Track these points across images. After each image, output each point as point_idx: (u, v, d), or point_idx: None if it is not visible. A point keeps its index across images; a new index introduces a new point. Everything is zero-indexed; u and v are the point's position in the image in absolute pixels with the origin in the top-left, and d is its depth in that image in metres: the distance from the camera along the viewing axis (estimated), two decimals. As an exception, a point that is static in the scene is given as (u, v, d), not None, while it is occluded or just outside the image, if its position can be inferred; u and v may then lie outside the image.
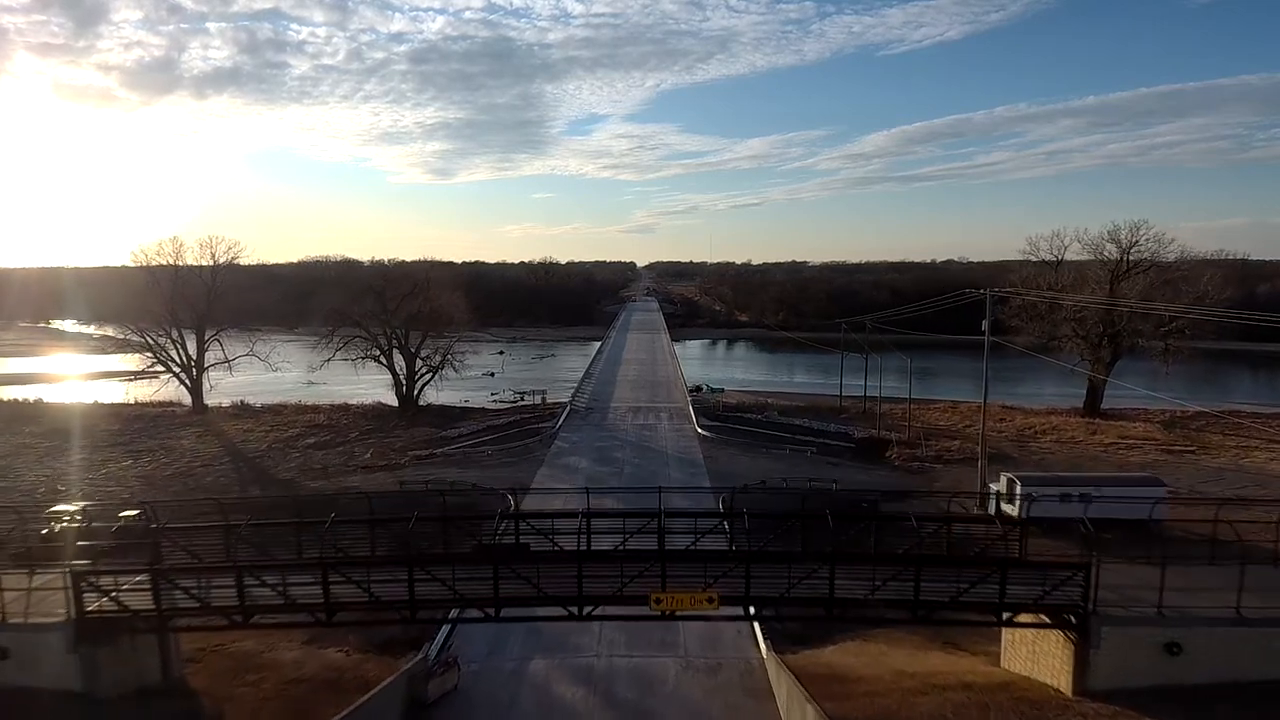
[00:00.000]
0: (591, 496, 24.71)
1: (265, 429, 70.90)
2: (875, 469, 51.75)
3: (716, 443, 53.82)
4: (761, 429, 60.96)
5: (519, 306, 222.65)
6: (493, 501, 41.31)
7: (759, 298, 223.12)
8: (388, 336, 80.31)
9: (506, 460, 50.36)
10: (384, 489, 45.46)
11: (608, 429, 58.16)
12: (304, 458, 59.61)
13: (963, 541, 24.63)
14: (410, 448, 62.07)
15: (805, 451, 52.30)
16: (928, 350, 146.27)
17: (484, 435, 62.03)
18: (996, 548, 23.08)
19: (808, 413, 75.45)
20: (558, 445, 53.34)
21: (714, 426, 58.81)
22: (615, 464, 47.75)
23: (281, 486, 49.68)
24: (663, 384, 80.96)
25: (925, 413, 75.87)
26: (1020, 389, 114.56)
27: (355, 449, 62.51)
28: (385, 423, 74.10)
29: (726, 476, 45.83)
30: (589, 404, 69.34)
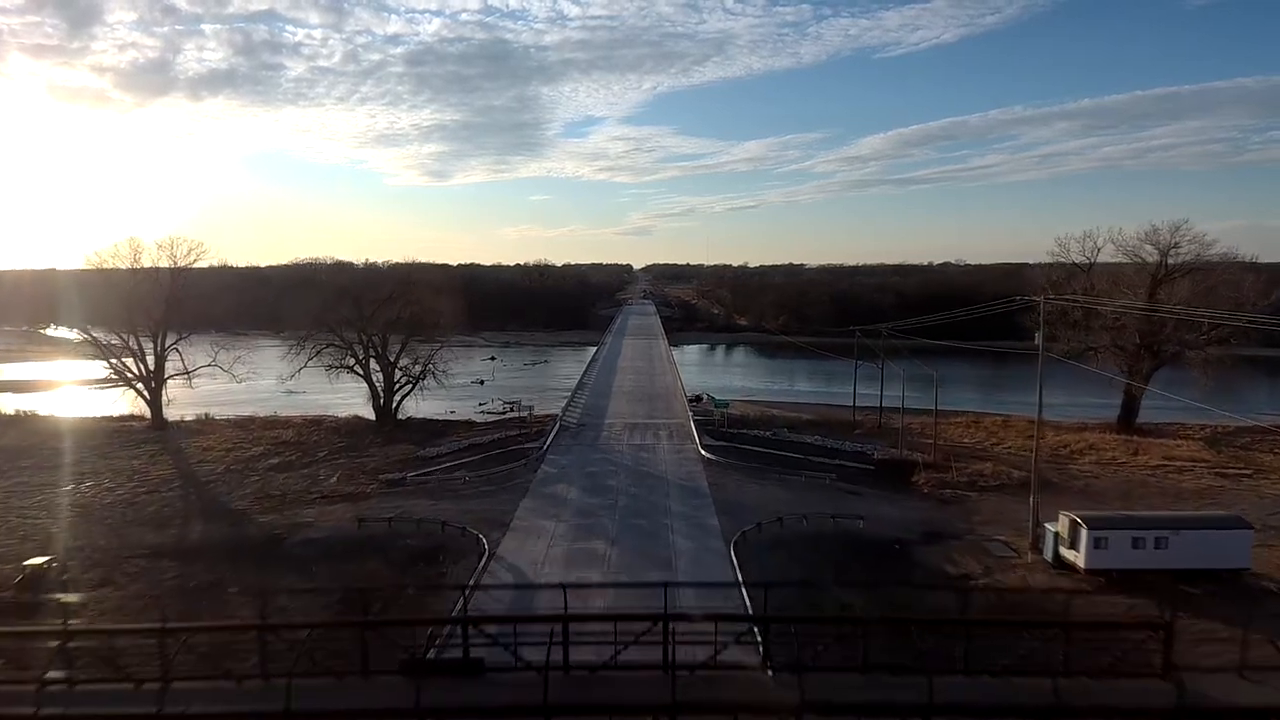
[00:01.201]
0: (579, 544, 18.90)
1: (226, 447, 64.77)
2: (902, 498, 45.82)
3: (722, 466, 47.82)
4: (771, 449, 55.03)
5: (512, 310, 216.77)
6: (462, 544, 35.30)
7: (758, 301, 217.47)
8: (364, 344, 74.29)
9: (485, 489, 44.30)
10: (341, 524, 39.46)
11: (601, 450, 52.19)
12: (263, 482, 53.54)
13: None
14: (383, 469, 56.07)
15: (823, 478, 46.33)
16: (928, 356, 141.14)
17: (465, 455, 56.03)
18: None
19: (819, 428, 69.56)
20: (545, 470, 47.30)
21: (719, 447, 52.81)
22: (609, 493, 41.74)
23: (228, 520, 43.61)
24: (661, 396, 74.84)
25: (945, 428, 70.06)
26: (1028, 397, 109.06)
27: (322, 471, 56.48)
28: (360, 439, 68.00)
29: (735, 509, 39.87)
30: (581, 419, 63.23)
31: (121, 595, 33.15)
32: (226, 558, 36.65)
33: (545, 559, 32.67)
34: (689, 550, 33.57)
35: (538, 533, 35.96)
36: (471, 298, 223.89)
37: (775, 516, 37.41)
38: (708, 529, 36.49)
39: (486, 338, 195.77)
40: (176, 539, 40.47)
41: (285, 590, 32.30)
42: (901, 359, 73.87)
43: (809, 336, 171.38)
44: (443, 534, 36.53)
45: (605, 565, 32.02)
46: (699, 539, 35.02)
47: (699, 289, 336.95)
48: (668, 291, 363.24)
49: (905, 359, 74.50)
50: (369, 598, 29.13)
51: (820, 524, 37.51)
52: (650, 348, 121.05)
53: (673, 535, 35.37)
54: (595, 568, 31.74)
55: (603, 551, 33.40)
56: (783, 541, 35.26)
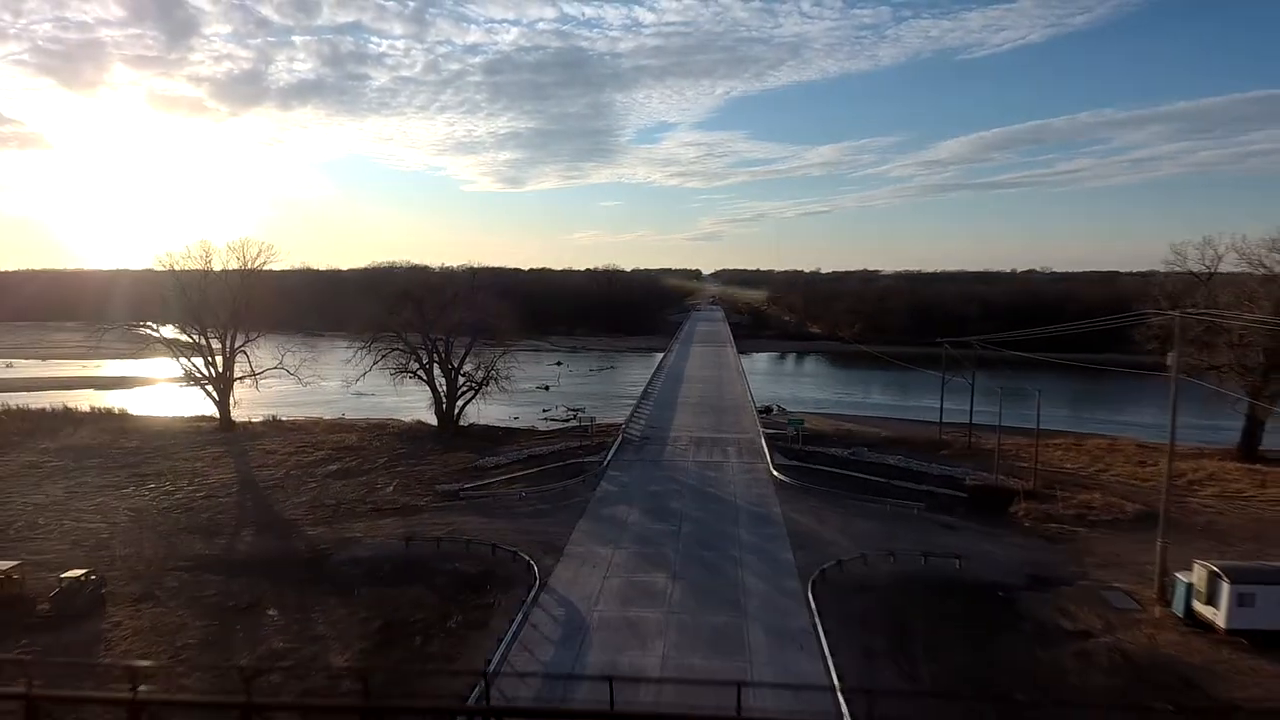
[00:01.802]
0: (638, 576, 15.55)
1: (289, 450, 64.32)
2: (1001, 533, 40.92)
3: (797, 490, 43.82)
4: (850, 471, 50.68)
5: (580, 314, 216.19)
6: (512, 571, 32.56)
7: (832, 308, 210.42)
8: (428, 349, 73.08)
9: (541, 507, 41.60)
10: (388, 542, 37.31)
11: (665, 467, 48.93)
12: (319, 489, 52.36)
13: None
14: (440, 478, 54.25)
15: (910, 507, 41.81)
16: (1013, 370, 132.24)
17: (523, 467, 53.61)
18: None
19: (901, 447, 64.50)
20: (605, 487, 44.33)
21: (793, 468, 48.81)
22: (671, 518, 38.39)
23: (278, 530, 42.15)
24: (730, 409, 70.98)
25: (1043, 450, 64.03)
26: (1131, 417, 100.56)
27: (379, 479, 55.04)
28: (420, 446, 66.65)
29: (812, 541, 35.95)
30: (645, 432, 60.07)
31: (157, 613, 31.71)
32: (269, 574, 34.96)
33: (600, 593, 29.59)
34: (760, 591, 29.92)
35: (593, 561, 32.92)
36: (540, 302, 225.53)
37: (858, 553, 33.39)
38: (781, 564, 32.72)
39: (554, 342, 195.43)
40: (224, 550, 39.17)
41: (324, 618, 30.40)
42: (985, 371, 68.09)
43: (886, 346, 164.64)
44: (493, 557, 33.92)
45: (666, 603, 28.73)
46: (772, 577, 31.30)
47: (769, 295, 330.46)
48: (736, 297, 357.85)
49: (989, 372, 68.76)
50: (409, 630, 26.65)
51: (910, 563, 33.31)
52: (718, 356, 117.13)
53: (742, 571, 31.77)
54: (655, 606, 28.51)
55: (663, 587, 30.10)
56: (868, 584, 31.23)
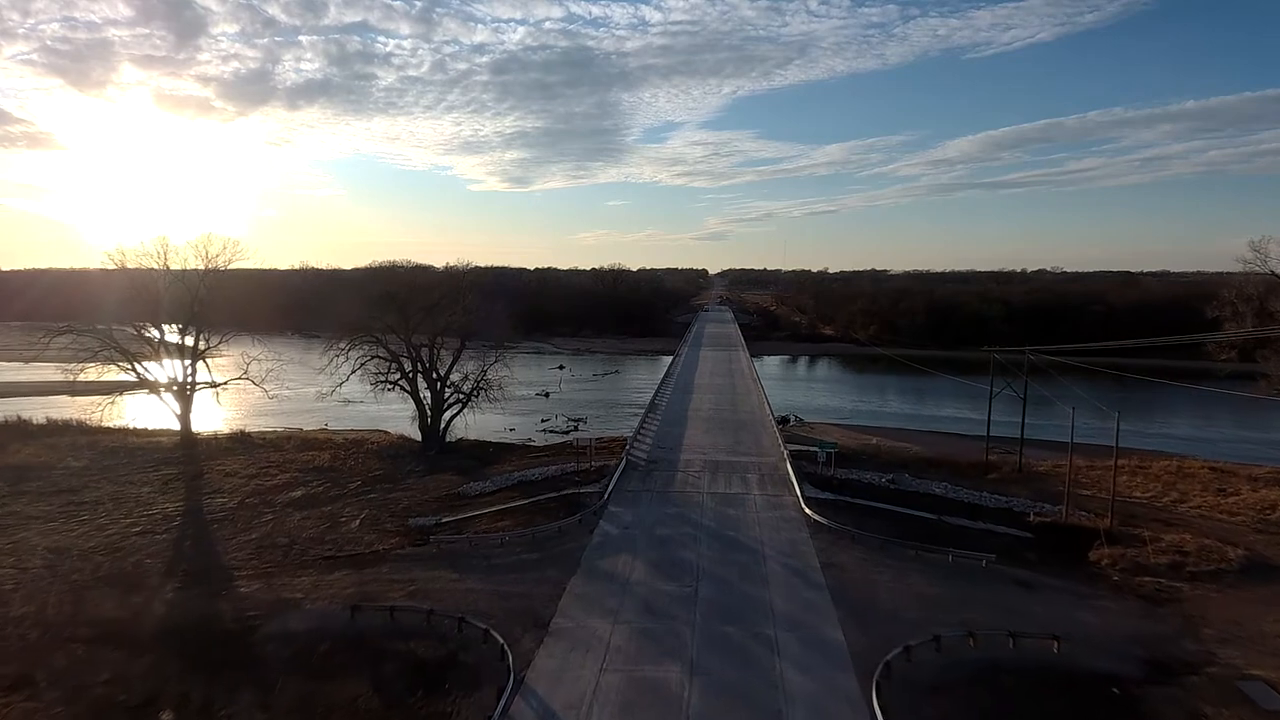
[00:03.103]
0: (643, 669, 9.27)
1: (251, 472, 57.17)
2: (1088, 591, 33.38)
3: (836, 534, 36.27)
4: (894, 504, 43.15)
5: (585, 315, 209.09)
6: (481, 656, 25.20)
7: (845, 309, 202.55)
8: (412, 357, 65.86)
9: (526, 557, 34.19)
10: (332, 609, 29.93)
11: (676, 500, 41.46)
12: (275, 523, 45.15)
13: None
14: (415, 508, 47.02)
15: (976, 557, 34.20)
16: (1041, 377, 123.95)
17: (511, 497, 46.30)
18: None
19: (941, 469, 57.01)
20: (604, 529, 36.93)
21: (827, 503, 41.28)
22: (685, 574, 31.03)
23: (210, 585, 34.86)
24: (747, 424, 63.35)
25: (1104, 474, 56.47)
26: (1166, 429, 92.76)
27: (346, 509, 47.84)
28: (400, 466, 59.43)
29: (866, 612, 28.45)
30: (651, 453, 52.61)
31: (26, 710, 24.52)
32: (181, 652, 27.71)
33: (593, 698, 22.12)
34: (808, 694, 22.39)
35: (586, 643, 25.49)
36: (544, 302, 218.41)
37: (928, 632, 25.92)
38: (830, 649, 25.20)
39: (557, 344, 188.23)
40: (136, 613, 31.91)
41: (225, 728, 23.12)
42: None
43: (903, 349, 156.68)
44: (458, 635, 26.57)
45: (681, 715, 21.35)
46: (821, 670, 23.78)
47: (778, 295, 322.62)
48: (745, 297, 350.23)
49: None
50: None
51: (995, 646, 25.84)
52: (730, 361, 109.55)
53: (780, 660, 24.26)
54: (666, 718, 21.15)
55: (677, 688, 22.63)
56: (946, 680, 23.78)
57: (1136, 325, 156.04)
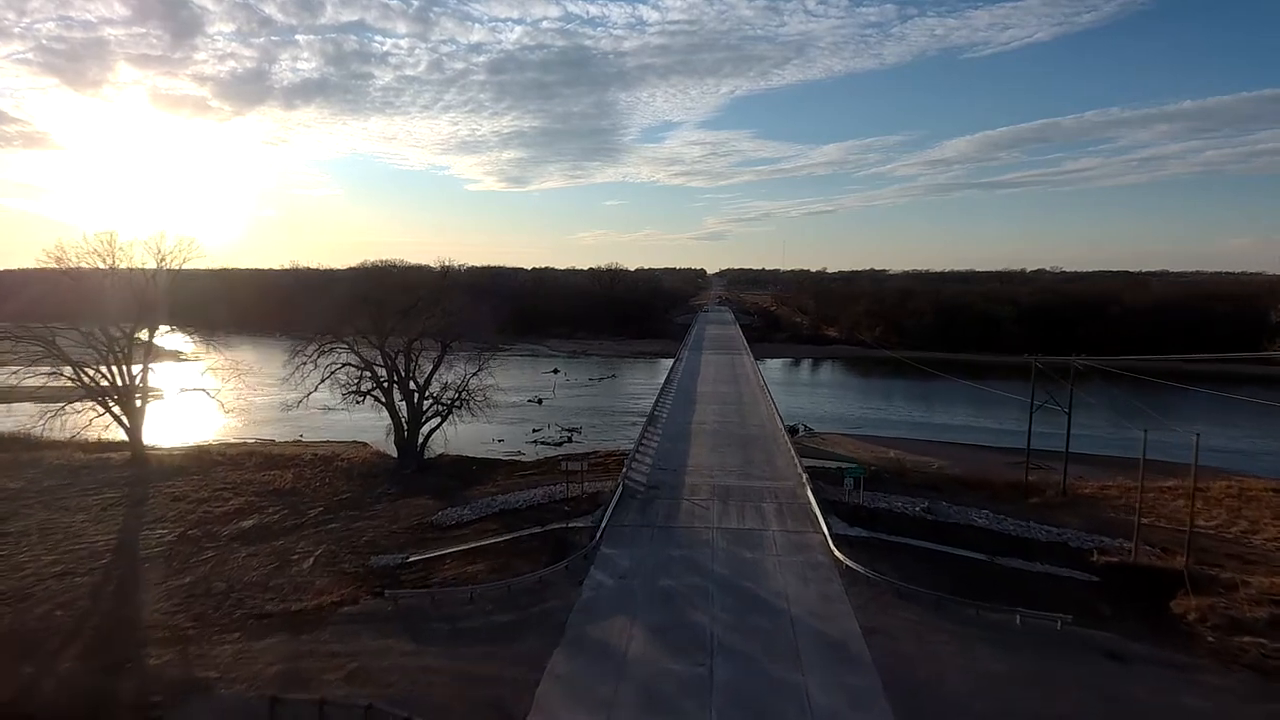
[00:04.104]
0: None
1: (202, 496, 50.95)
2: (1188, 663, 27.22)
3: (875, 587, 29.91)
4: (935, 542, 36.98)
5: (582, 316, 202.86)
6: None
7: (848, 310, 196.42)
8: (387, 365, 59.66)
9: (500, 618, 27.95)
10: (250, 696, 23.68)
11: (680, 539, 35.18)
12: (214, 564, 38.93)
13: None
14: (380, 542, 40.87)
15: (1051, 620, 28.05)
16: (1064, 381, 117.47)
17: (489, 531, 40.09)
18: None
19: (977, 493, 50.98)
20: (596, 579, 30.73)
21: (859, 543, 35.05)
22: (695, 646, 24.65)
23: (114, 653, 28.61)
24: (758, 440, 57.16)
25: (1155, 497, 50.46)
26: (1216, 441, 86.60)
27: (301, 544, 41.62)
28: (371, 488, 53.25)
29: (927, 703, 22.30)
30: (651, 476, 46.33)
31: None
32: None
33: None
34: None
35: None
36: (540, 302, 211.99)
37: (1018, 742, 19.76)
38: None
39: (552, 346, 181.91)
40: (15, 695, 25.68)
41: None
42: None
43: (909, 350, 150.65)
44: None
45: None
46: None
47: (777, 295, 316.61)
48: (744, 297, 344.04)
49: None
50: None
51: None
52: (734, 366, 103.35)
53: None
54: None
55: None
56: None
57: (1155, 327, 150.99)
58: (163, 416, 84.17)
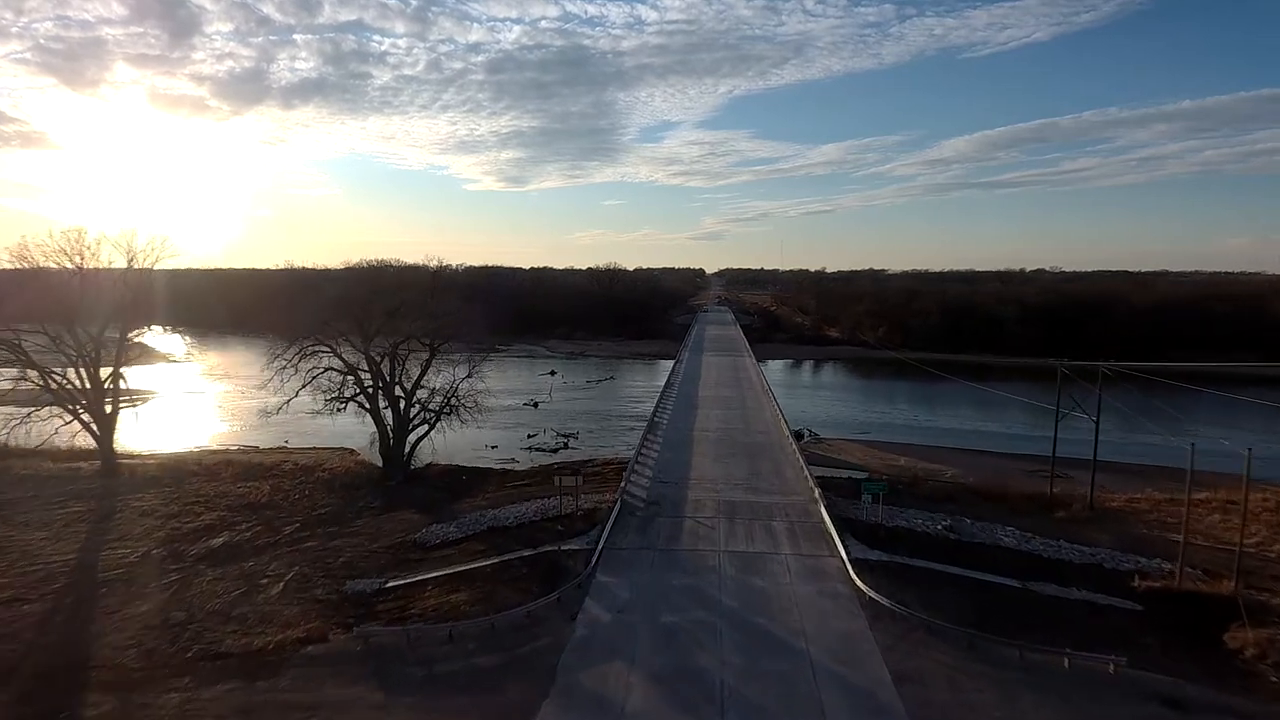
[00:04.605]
0: None
1: (172, 510, 47.80)
2: (1256, 711, 24.16)
3: (906, 624, 26.80)
4: (962, 566, 33.87)
5: (580, 316, 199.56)
6: None
7: (851, 310, 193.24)
8: (371, 370, 56.53)
9: (481, 660, 24.85)
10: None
11: (684, 564, 32.05)
12: (178, 588, 35.85)
13: None
14: (357, 564, 37.77)
15: (1104, 662, 24.94)
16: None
17: (475, 552, 36.98)
18: None
19: (997, 505, 47.93)
20: (591, 612, 27.67)
21: (880, 566, 32.03)
22: (703, 698, 21.14)
23: (55, 693, 25.49)
24: (764, 448, 54.07)
25: (1191, 510, 47.37)
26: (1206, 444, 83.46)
27: (272, 565, 38.49)
28: (352, 502, 50.11)
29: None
30: (652, 491, 43.28)
31: None
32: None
33: None
34: None
35: None
36: (538, 302, 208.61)
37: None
38: None
39: (550, 347, 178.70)
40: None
41: None
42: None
43: (914, 351, 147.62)
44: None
45: None
46: None
47: (777, 295, 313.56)
48: (743, 297, 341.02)
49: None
50: None
51: None
52: (736, 369, 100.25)
53: None
54: None
55: None
56: None
57: (1159, 327, 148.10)
58: (145, 421, 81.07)
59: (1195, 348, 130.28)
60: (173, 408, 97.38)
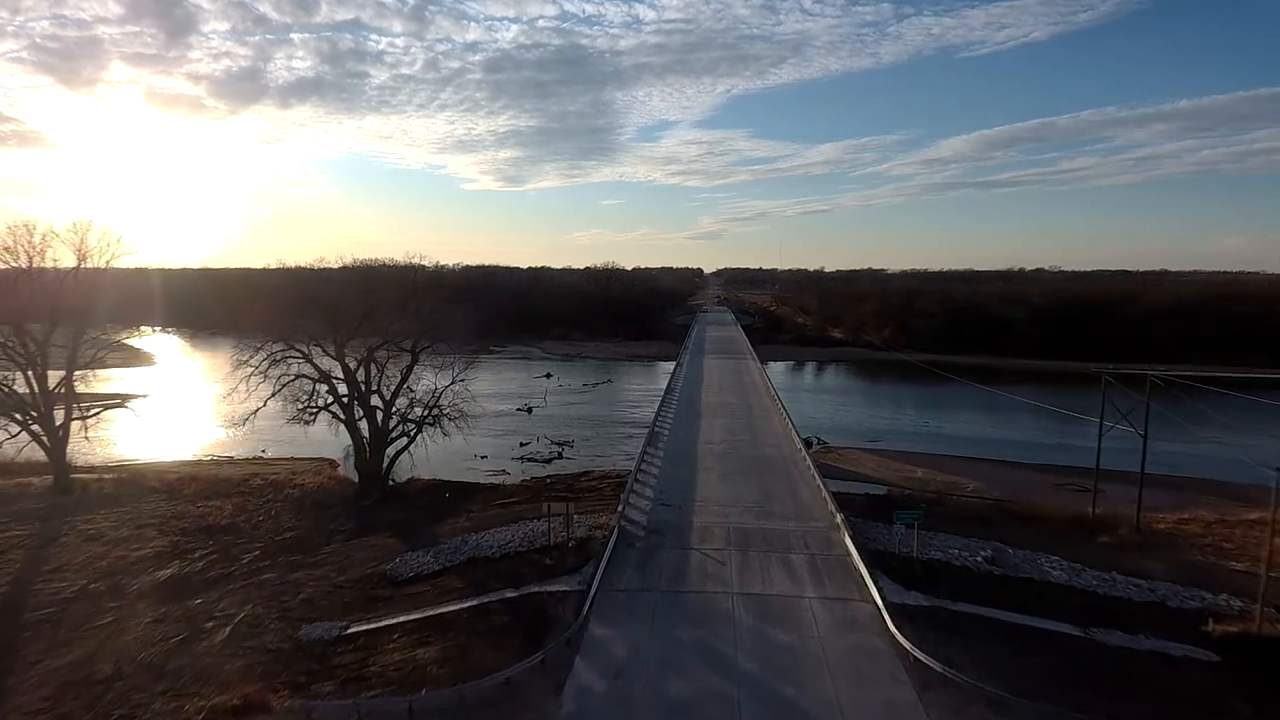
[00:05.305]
0: None
1: (122, 534, 43.22)
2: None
3: (959, 691, 21.92)
4: (1014, 610, 29.37)
5: (578, 316, 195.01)
6: None
7: (854, 310, 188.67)
8: (347, 377, 51.95)
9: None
10: None
11: (691, 611, 27.16)
12: (112, 630, 31.36)
13: None
14: (318, 602, 33.21)
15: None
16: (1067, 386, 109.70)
17: (451, 588, 32.44)
18: None
19: (1033, 528, 43.47)
20: (582, 677, 22.79)
21: (922, 613, 27.55)
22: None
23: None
24: (775, 464, 49.45)
25: (1241, 531, 43.01)
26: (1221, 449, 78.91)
27: (224, 601, 33.98)
28: (322, 523, 45.56)
29: None
30: (653, 514, 38.67)
31: None
32: None
33: None
34: None
35: None
36: (536, 302, 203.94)
37: None
38: None
39: (546, 348, 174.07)
40: None
41: None
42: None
43: (919, 352, 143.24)
44: None
45: None
46: None
47: (778, 295, 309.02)
48: (743, 297, 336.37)
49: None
50: None
51: None
52: (739, 373, 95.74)
53: None
54: None
55: None
56: None
57: (1177, 329, 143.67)
58: (119, 428, 76.52)
59: (1208, 349, 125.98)
60: (152, 413, 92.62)
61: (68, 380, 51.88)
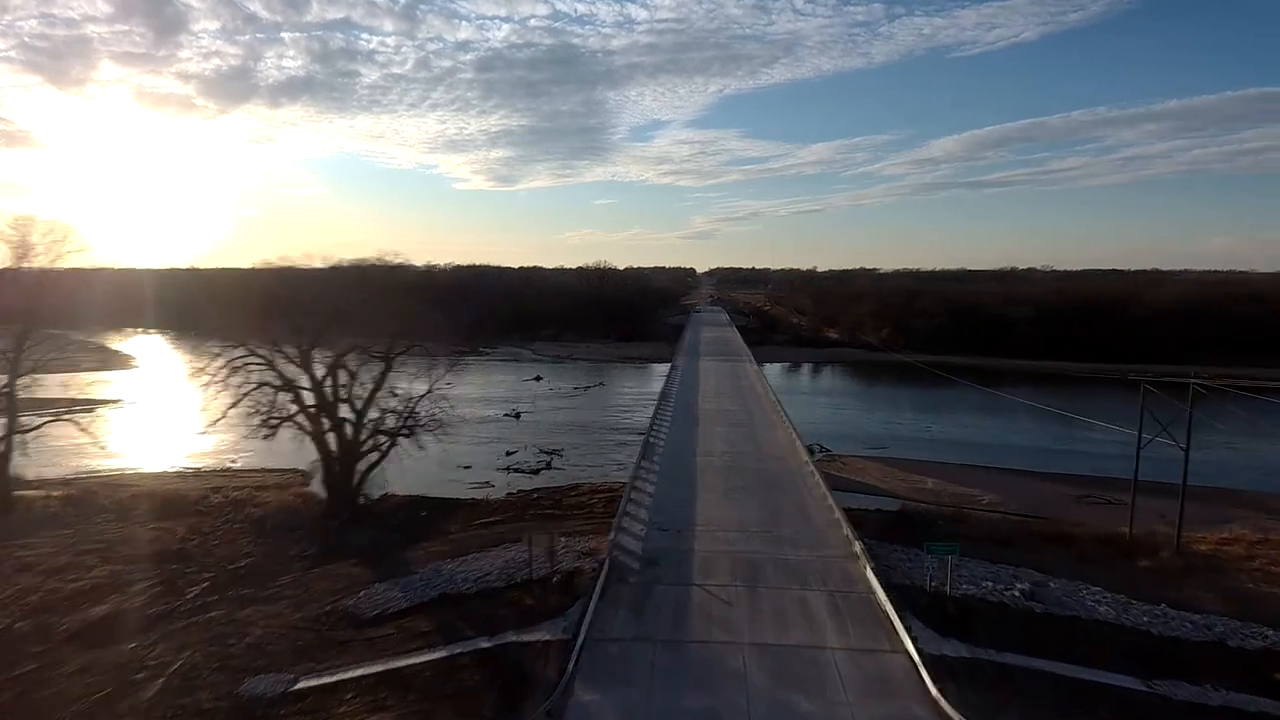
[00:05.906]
0: None
1: (60, 563, 38.98)
2: None
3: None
4: (1063, 659, 25.57)
5: (569, 316, 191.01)
6: None
7: (850, 310, 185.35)
8: (313, 384, 47.81)
9: None
10: None
11: (694, 668, 22.76)
12: (31, 681, 27.20)
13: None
14: (267, 647, 29.06)
15: None
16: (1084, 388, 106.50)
17: (417, 632, 28.41)
18: None
19: (1063, 549, 39.73)
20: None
21: (961, 666, 23.75)
22: None
23: None
24: (780, 479, 45.48)
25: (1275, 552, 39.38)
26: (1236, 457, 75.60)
27: (160, 645, 29.77)
28: (284, 545, 41.41)
29: None
30: (649, 543, 34.53)
31: None
32: None
33: None
34: None
35: None
36: (527, 302, 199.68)
37: None
38: None
39: (537, 349, 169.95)
40: None
41: None
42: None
43: (918, 353, 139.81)
44: None
45: None
46: None
47: (771, 295, 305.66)
48: (736, 297, 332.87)
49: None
50: None
51: None
52: (737, 376, 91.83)
53: None
54: None
55: None
56: None
57: (1182, 329, 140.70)
58: (84, 437, 71.94)
59: (1209, 349, 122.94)
60: (122, 419, 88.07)
61: (9, 388, 47.54)
